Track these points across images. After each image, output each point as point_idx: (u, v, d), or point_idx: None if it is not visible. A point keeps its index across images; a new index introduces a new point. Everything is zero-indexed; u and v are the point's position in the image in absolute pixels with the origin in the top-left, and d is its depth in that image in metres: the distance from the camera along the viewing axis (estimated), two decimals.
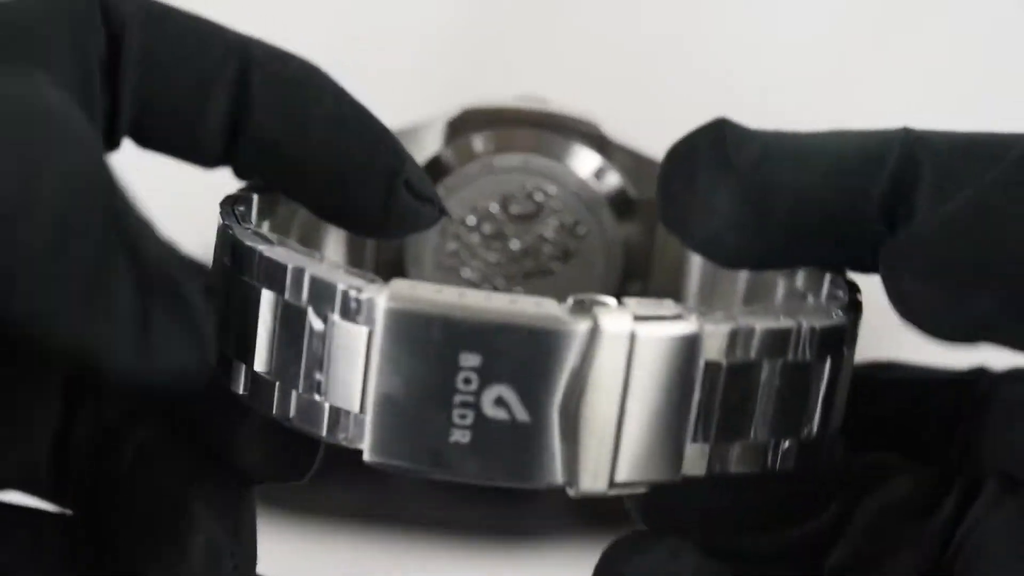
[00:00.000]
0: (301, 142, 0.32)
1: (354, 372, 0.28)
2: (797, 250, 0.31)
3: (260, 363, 0.30)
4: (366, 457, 0.28)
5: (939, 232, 0.29)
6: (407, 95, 0.78)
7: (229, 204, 0.32)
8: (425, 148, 0.37)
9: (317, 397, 0.28)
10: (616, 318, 0.27)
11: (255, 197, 0.33)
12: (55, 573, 0.31)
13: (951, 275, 0.28)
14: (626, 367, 0.27)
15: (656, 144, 0.36)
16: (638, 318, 0.27)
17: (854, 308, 0.31)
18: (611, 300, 0.28)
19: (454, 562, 0.65)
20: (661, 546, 0.30)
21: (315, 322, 0.28)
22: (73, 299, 0.25)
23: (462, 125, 0.37)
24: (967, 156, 0.30)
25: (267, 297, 0.29)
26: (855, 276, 0.32)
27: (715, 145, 0.31)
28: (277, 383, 0.29)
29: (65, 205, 0.25)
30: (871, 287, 0.32)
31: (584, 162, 0.37)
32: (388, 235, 0.33)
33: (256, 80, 0.31)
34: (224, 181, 0.34)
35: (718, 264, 0.32)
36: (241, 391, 0.30)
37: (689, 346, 0.28)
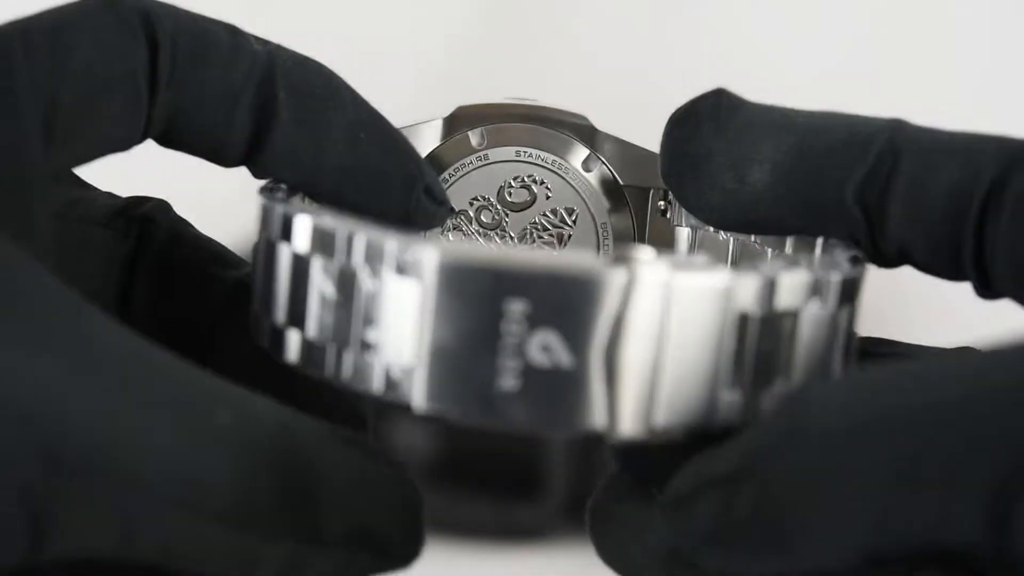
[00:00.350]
0: (322, 151, 0.34)
1: (405, 328, 0.29)
2: (774, 219, 0.33)
3: (312, 329, 0.31)
4: (417, 406, 0.29)
5: None
6: (408, 96, 0.78)
7: (268, 189, 0.33)
8: (424, 144, 0.39)
9: (369, 356, 0.30)
10: (653, 268, 0.29)
11: (284, 185, 0.34)
12: None
13: None
14: (662, 314, 0.29)
15: (651, 143, 0.37)
16: (674, 268, 0.29)
17: (859, 262, 0.32)
18: (649, 252, 0.29)
19: (454, 562, 0.65)
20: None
21: (367, 282, 0.29)
22: None
23: (458, 122, 0.39)
24: (947, 151, 0.31)
25: (317, 264, 0.30)
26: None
27: (712, 112, 0.33)
28: (329, 346, 0.30)
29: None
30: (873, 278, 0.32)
31: (574, 152, 0.39)
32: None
33: (281, 91, 0.33)
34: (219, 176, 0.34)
35: (706, 224, 0.34)
36: (294, 360, 0.31)
37: (723, 296, 0.29)
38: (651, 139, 0.34)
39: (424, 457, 0.66)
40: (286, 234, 0.31)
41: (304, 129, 0.33)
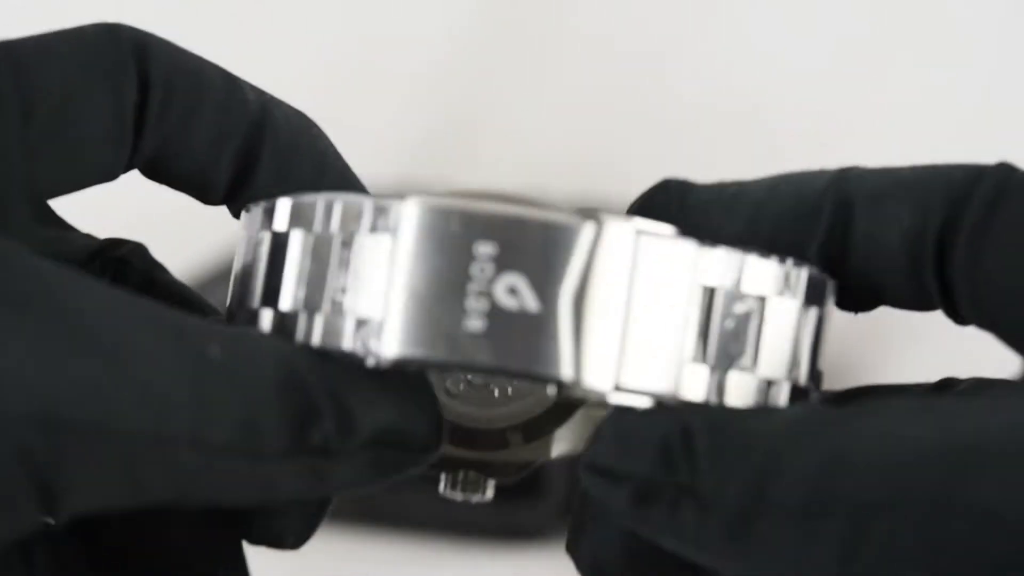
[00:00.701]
0: None
1: (377, 281, 0.29)
2: None
3: (286, 302, 0.31)
4: (386, 354, 0.29)
5: None
6: (412, 96, 0.78)
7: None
8: None
9: (340, 315, 0.30)
10: (620, 224, 0.29)
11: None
12: None
13: None
14: (629, 271, 0.29)
15: (651, 145, 0.37)
16: (640, 231, 0.29)
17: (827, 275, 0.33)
18: (618, 214, 0.30)
19: (454, 562, 0.65)
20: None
21: (340, 244, 0.30)
22: None
23: None
24: (896, 196, 0.31)
25: (296, 237, 0.31)
26: None
27: (664, 203, 0.34)
28: (302, 314, 0.31)
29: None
30: None
31: None
32: None
33: (267, 145, 0.33)
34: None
35: None
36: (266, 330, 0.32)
37: (688, 265, 0.30)
38: (652, 140, 0.34)
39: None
40: (267, 222, 0.32)
41: (285, 186, 0.34)
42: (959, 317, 0.31)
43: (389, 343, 0.29)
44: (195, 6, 0.79)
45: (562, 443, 0.36)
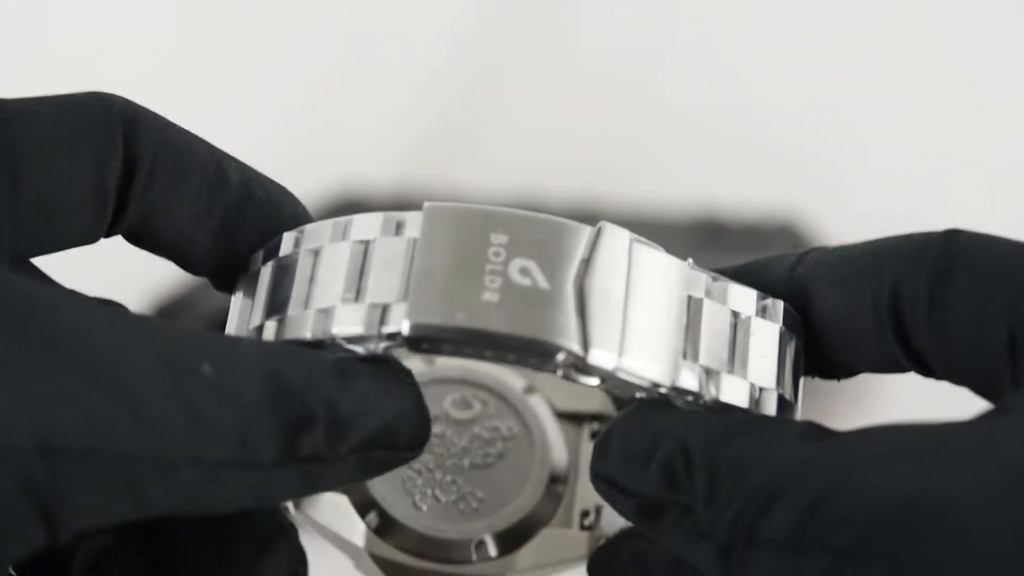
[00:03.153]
0: None
1: (395, 270, 0.31)
2: None
3: (294, 307, 0.32)
4: (404, 327, 0.31)
5: None
6: (412, 96, 0.78)
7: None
8: None
9: (355, 303, 0.31)
10: (616, 229, 0.32)
11: None
12: None
13: None
14: (626, 270, 0.31)
15: (651, 145, 0.38)
16: (634, 239, 0.32)
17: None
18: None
19: None
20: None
21: (355, 247, 0.32)
22: None
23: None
24: (848, 278, 0.33)
25: (305, 252, 0.32)
26: None
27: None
28: (312, 311, 0.32)
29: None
30: None
31: (515, 379, 0.40)
32: None
33: (248, 225, 0.34)
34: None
35: None
36: (272, 339, 0.32)
37: (676, 275, 0.32)
38: (652, 140, 0.34)
39: None
40: (269, 257, 0.33)
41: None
42: (932, 373, 0.32)
43: (409, 315, 0.31)
44: (196, 6, 0.79)
45: (527, 558, 0.37)
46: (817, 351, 0.33)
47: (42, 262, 0.33)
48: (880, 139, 0.76)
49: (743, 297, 0.33)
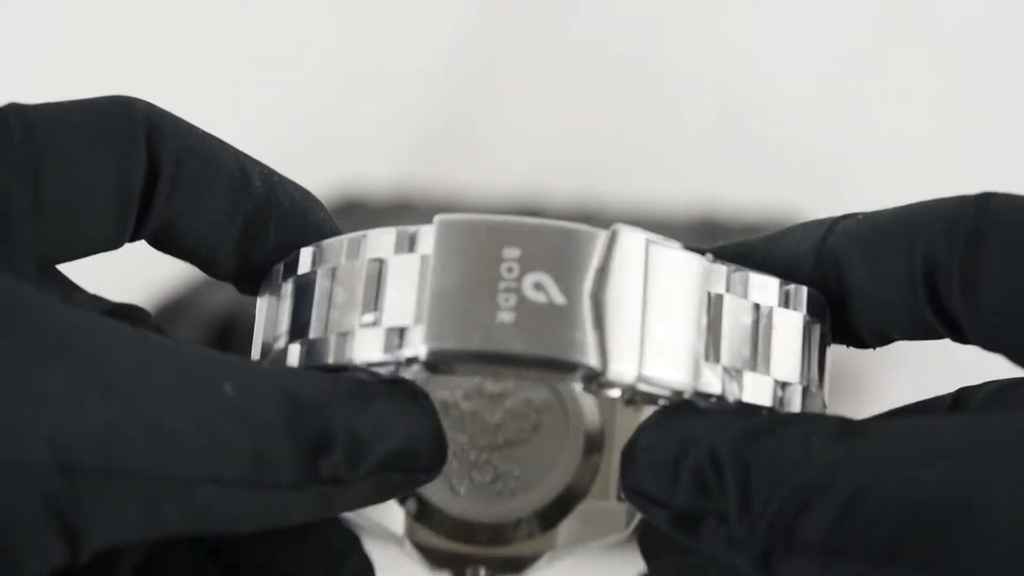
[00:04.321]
0: None
1: (409, 291, 0.31)
2: None
3: (315, 330, 0.32)
4: (422, 352, 0.30)
5: None
6: (412, 96, 0.78)
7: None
8: None
9: (371, 330, 0.31)
10: (631, 232, 0.31)
11: None
12: None
13: None
14: (643, 275, 0.31)
15: (651, 145, 0.37)
16: (650, 240, 0.31)
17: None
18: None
19: None
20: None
21: (369, 266, 0.31)
22: None
23: None
24: (882, 243, 0.32)
25: (323, 272, 0.32)
26: None
27: None
28: (333, 336, 0.31)
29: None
30: None
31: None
32: None
33: (271, 230, 0.34)
34: None
35: None
36: (294, 364, 0.32)
37: (695, 273, 0.31)
38: (652, 140, 0.34)
39: None
40: (288, 273, 0.33)
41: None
42: (967, 341, 0.32)
43: (425, 340, 0.30)
44: (197, 7, 0.80)
45: (567, 534, 0.37)
46: (850, 321, 0.33)
47: None
48: (880, 140, 0.76)
49: (765, 287, 0.32)
